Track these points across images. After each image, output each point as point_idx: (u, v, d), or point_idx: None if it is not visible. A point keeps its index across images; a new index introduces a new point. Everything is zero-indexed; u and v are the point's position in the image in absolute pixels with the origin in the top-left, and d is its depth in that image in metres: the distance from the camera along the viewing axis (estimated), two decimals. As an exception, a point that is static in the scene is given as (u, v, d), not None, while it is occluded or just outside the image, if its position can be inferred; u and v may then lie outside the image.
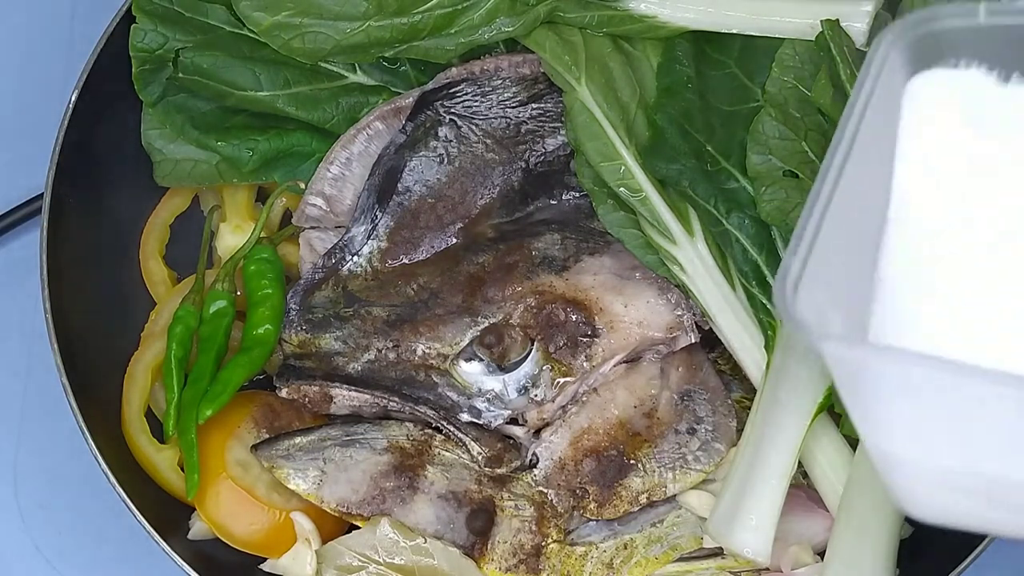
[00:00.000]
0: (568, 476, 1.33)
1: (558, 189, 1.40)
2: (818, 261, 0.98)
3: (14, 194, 1.52)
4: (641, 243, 1.35)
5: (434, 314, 1.35)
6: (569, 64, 1.35)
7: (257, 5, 1.34)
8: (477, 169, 1.40)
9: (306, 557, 1.33)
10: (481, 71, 1.39)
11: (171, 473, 1.37)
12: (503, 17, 1.35)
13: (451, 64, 1.40)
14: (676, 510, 1.34)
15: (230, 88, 1.38)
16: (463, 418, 1.33)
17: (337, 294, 1.37)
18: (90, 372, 1.37)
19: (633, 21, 1.36)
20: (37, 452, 1.49)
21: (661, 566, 1.34)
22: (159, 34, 1.38)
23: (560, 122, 1.40)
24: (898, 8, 1.37)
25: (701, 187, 1.33)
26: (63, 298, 1.36)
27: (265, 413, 1.38)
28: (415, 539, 1.32)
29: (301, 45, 1.35)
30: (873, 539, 1.26)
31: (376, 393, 1.33)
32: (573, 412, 1.34)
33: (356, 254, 1.38)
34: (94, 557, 1.48)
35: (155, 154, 1.41)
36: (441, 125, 1.39)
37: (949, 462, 1.02)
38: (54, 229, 1.37)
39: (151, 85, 1.39)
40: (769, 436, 1.28)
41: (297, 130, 1.41)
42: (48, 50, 1.58)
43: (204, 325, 1.37)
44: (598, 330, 1.34)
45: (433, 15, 1.34)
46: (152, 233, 1.45)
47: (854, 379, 1.01)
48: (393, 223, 1.38)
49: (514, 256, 1.36)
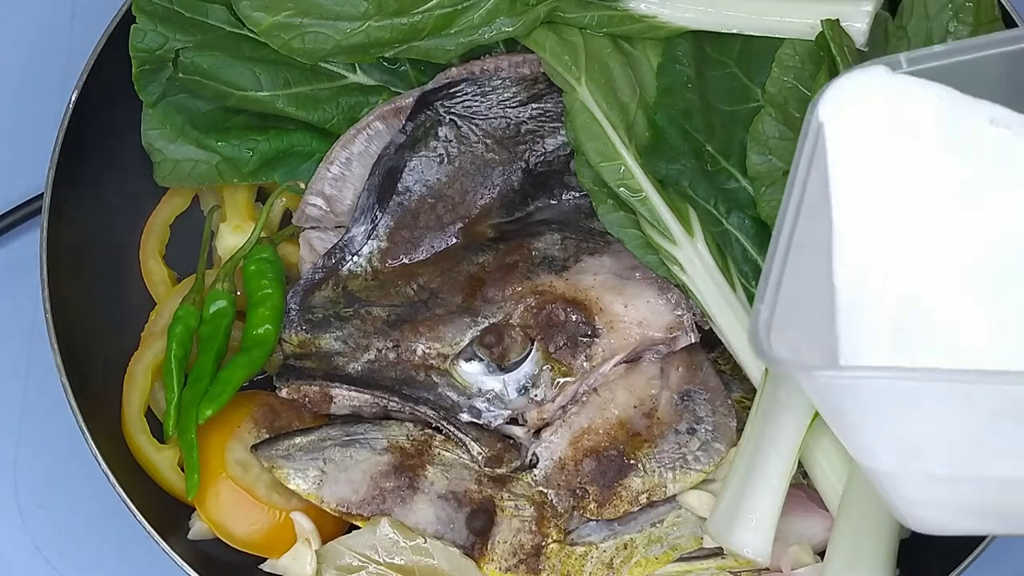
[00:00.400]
0: (568, 476, 1.33)
1: (558, 189, 1.40)
2: (786, 304, 1.05)
3: (14, 194, 1.52)
4: (641, 243, 1.35)
5: (434, 314, 1.35)
6: (569, 64, 1.35)
7: (257, 5, 1.34)
8: (477, 169, 1.40)
9: (306, 557, 1.33)
10: (481, 71, 1.39)
11: (171, 473, 1.37)
12: (503, 17, 1.35)
13: (451, 64, 1.39)
14: (676, 510, 1.34)
15: (230, 88, 1.38)
16: (463, 418, 1.33)
17: (337, 294, 1.37)
18: (90, 372, 1.37)
19: (633, 21, 1.36)
20: (37, 452, 1.49)
21: (661, 566, 1.34)
22: (159, 34, 1.38)
23: (560, 122, 1.40)
24: (898, 8, 1.37)
25: (701, 187, 1.33)
26: (63, 298, 1.36)
27: (265, 413, 1.38)
28: (415, 539, 1.32)
29: (301, 45, 1.35)
30: (873, 539, 1.26)
31: (376, 393, 1.33)
32: (573, 412, 1.34)
33: (356, 254, 1.38)
34: (94, 557, 1.48)
35: (155, 154, 1.41)
36: (441, 125, 1.39)
37: (934, 470, 1.05)
38: (54, 229, 1.37)
39: (151, 85, 1.39)
40: (769, 436, 1.28)
41: (297, 130, 1.41)
42: (48, 50, 1.58)
43: (204, 325, 1.37)
44: (598, 330, 1.34)
45: (433, 15, 1.34)
46: (152, 233, 1.45)
47: (834, 405, 1.06)
48: (393, 223, 1.38)
49: (514, 256, 1.36)
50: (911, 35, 1.36)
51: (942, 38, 1.35)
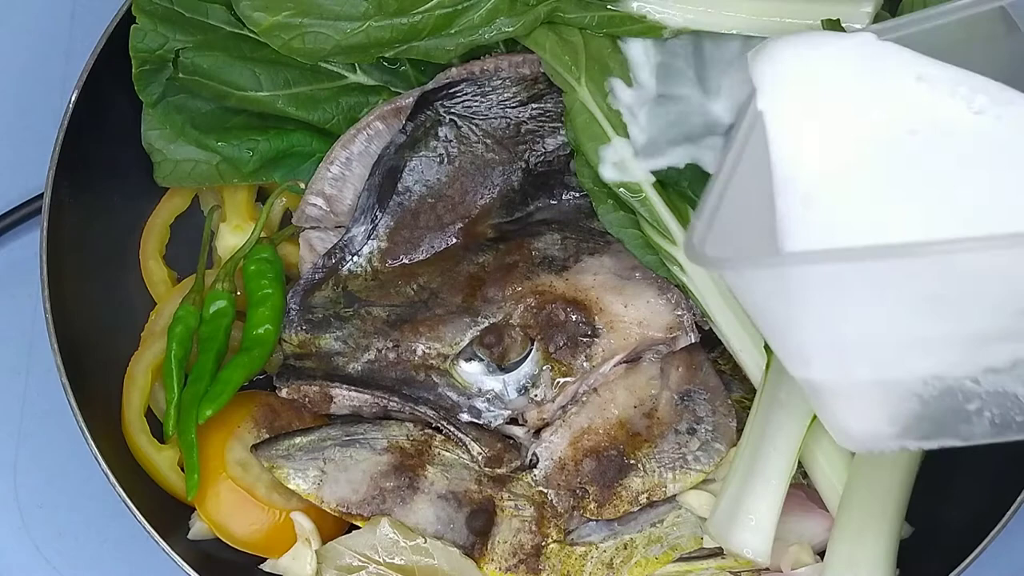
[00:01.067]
0: (568, 476, 1.33)
1: (558, 189, 1.40)
2: (725, 223, 1.12)
3: (14, 194, 1.52)
4: (641, 243, 1.35)
5: (434, 314, 1.35)
6: (569, 64, 1.35)
7: (257, 5, 1.34)
8: (477, 169, 1.40)
9: (306, 557, 1.33)
10: (481, 71, 1.39)
11: (171, 473, 1.37)
12: (503, 17, 1.35)
13: (451, 64, 1.39)
14: (676, 510, 1.34)
15: (230, 88, 1.38)
16: (463, 418, 1.33)
17: (337, 294, 1.37)
18: (90, 372, 1.37)
19: (633, 21, 1.36)
20: (37, 452, 1.49)
21: (661, 566, 1.34)
22: (159, 34, 1.37)
23: (560, 122, 1.40)
24: (898, 8, 1.37)
25: (701, 187, 1.33)
26: (63, 298, 1.36)
27: (265, 413, 1.38)
28: (415, 539, 1.32)
29: (301, 45, 1.35)
30: (873, 539, 1.26)
31: (376, 393, 1.33)
32: (573, 412, 1.34)
33: (356, 254, 1.38)
34: (94, 557, 1.48)
35: (155, 155, 1.41)
36: (441, 125, 1.39)
37: (861, 374, 1.10)
38: (54, 229, 1.37)
39: (151, 85, 1.39)
40: (769, 436, 1.28)
41: (297, 130, 1.41)
42: (48, 50, 1.58)
43: (204, 325, 1.37)
44: (598, 330, 1.34)
45: (433, 15, 1.34)
46: (152, 233, 1.45)
47: (768, 306, 1.13)
48: (393, 223, 1.38)
49: (514, 256, 1.36)
50: (911, 35, 1.36)
51: (942, 38, 1.36)
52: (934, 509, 1.33)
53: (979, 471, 1.33)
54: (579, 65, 1.35)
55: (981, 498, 1.32)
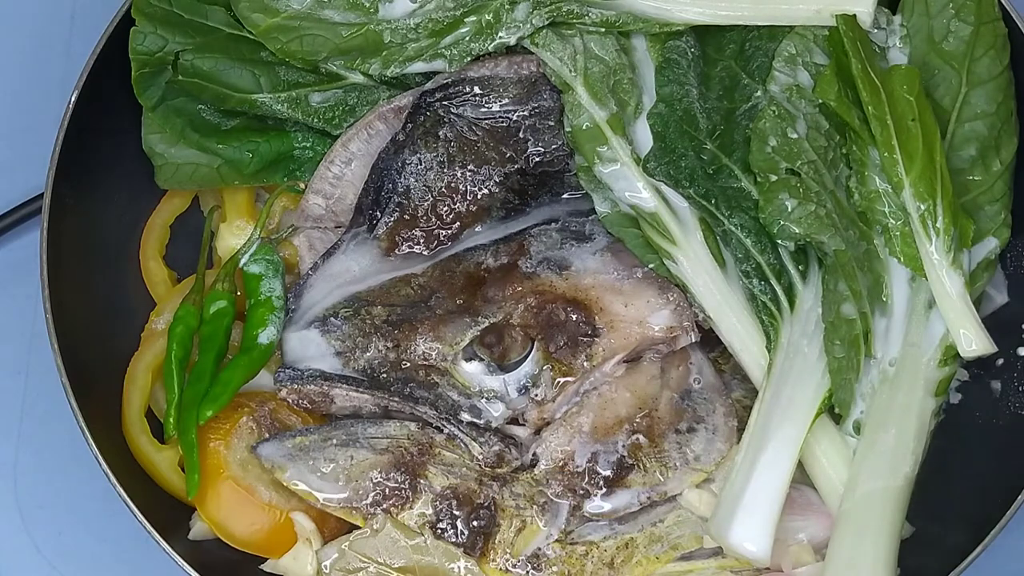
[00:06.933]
0: (569, 475, 1.33)
1: (558, 189, 1.40)
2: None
3: (14, 194, 1.52)
4: (641, 242, 1.35)
5: (434, 314, 1.35)
6: (568, 64, 1.35)
7: (256, 7, 1.34)
8: (477, 169, 1.39)
9: (306, 557, 1.33)
10: (480, 71, 1.39)
11: (171, 473, 1.37)
12: (503, 30, 1.35)
13: (451, 64, 1.40)
14: (677, 509, 1.35)
15: (230, 90, 1.38)
16: (464, 418, 1.33)
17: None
18: (90, 372, 1.37)
19: (633, 21, 1.36)
20: (37, 452, 1.49)
21: (662, 565, 1.34)
22: (159, 36, 1.37)
23: (559, 122, 1.39)
24: (898, 6, 1.37)
25: (701, 187, 1.33)
26: (63, 298, 1.36)
27: (265, 413, 1.37)
28: (415, 539, 1.32)
29: (299, 47, 1.35)
30: (873, 539, 1.26)
31: (376, 393, 1.33)
32: (573, 411, 1.34)
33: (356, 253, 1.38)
34: (94, 557, 1.48)
35: (156, 158, 1.41)
36: (441, 125, 1.39)
37: None
38: (54, 229, 1.37)
39: (150, 89, 1.39)
40: (769, 436, 1.28)
41: (297, 131, 1.41)
42: (48, 50, 1.58)
43: (204, 325, 1.37)
44: (598, 329, 1.34)
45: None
46: (152, 233, 1.45)
47: None
48: (393, 222, 1.38)
49: (514, 256, 1.36)
50: (912, 33, 1.36)
51: (943, 37, 1.35)
52: (934, 509, 1.33)
53: (979, 472, 1.33)
54: (578, 65, 1.35)
55: (981, 498, 1.32)
